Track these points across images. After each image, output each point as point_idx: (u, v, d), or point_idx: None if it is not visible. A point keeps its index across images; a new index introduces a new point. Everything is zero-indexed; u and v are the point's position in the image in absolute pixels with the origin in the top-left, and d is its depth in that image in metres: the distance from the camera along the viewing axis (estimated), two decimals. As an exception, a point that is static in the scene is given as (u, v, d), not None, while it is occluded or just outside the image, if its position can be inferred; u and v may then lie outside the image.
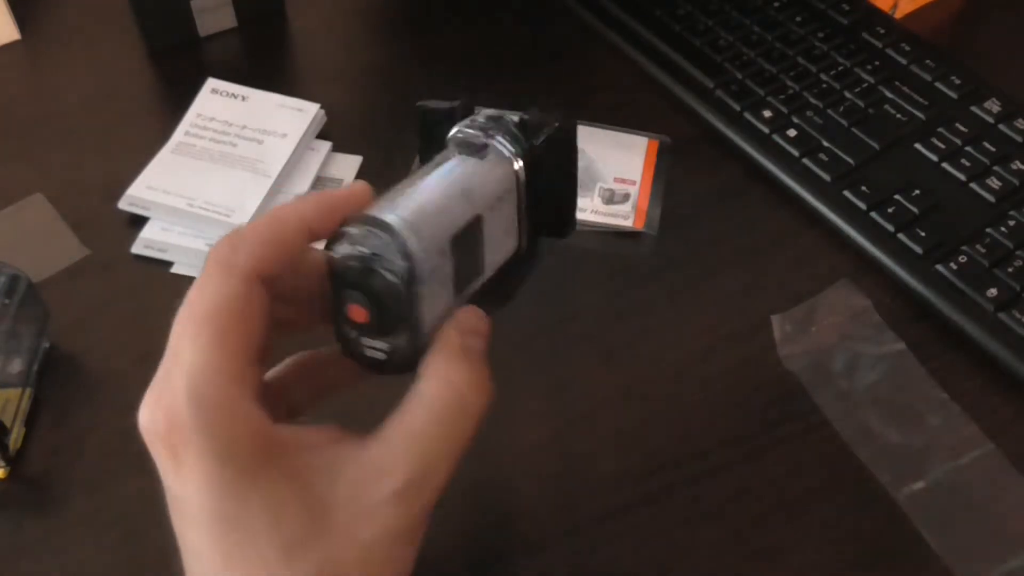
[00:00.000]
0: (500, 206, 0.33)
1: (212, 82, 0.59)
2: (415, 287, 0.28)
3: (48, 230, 0.53)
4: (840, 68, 0.59)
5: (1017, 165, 0.54)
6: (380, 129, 0.59)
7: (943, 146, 0.55)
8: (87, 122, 0.59)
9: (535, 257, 0.37)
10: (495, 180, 0.33)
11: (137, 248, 0.52)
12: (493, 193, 0.33)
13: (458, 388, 0.29)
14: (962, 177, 0.53)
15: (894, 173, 0.54)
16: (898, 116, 0.57)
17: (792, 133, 0.56)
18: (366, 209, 0.29)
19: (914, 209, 0.52)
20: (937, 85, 0.59)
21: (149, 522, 0.42)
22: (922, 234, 0.51)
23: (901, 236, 0.51)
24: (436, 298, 0.30)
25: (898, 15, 0.66)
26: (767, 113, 0.57)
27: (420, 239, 0.29)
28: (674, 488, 0.43)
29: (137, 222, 0.53)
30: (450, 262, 0.30)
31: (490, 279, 0.34)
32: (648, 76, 0.62)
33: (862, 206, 0.52)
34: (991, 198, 0.52)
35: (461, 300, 0.32)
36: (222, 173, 0.54)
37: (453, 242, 0.30)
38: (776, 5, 0.64)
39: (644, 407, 0.46)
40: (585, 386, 0.47)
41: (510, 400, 0.41)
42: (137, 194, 0.53)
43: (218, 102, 0.58)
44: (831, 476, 0.44)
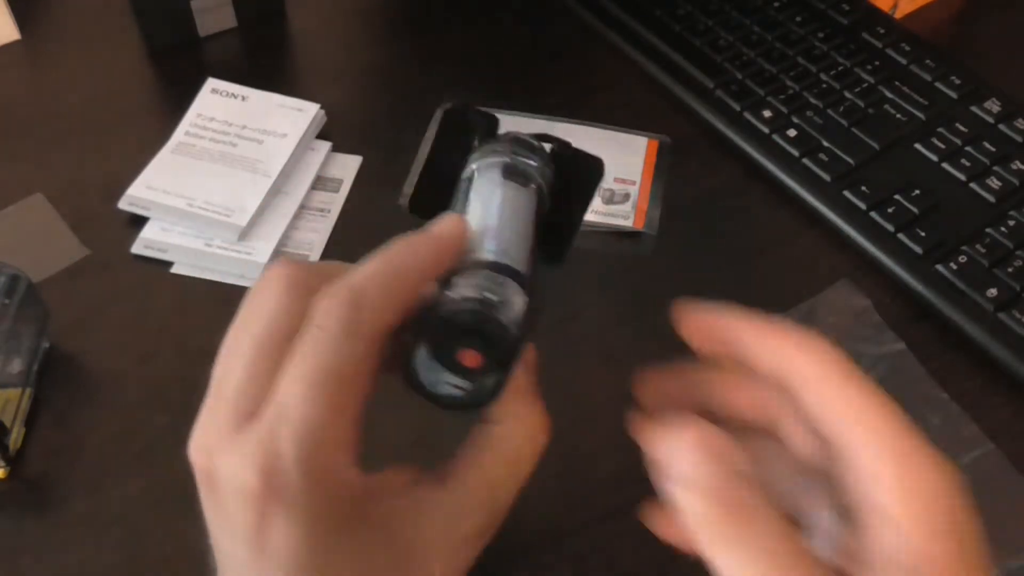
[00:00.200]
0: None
1: (212, 82, 0.59)
2: (527, 332, 0.28)
3: (48, 230, 0.53)
4: (840, 68, 0.60)
5: (1017, 165, 0.54)
6: (380, 129, 0.59)
7: (943, 146, 0.55)
8: (87, 122, 0.59)
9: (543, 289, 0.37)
10: (533, 211, 0.33)
11: (137, 248, 0.52)
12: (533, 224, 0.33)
13: (530, 430, 0.30)
14: (962, 177, 0.53)
15: (894, 173, 0.54)
16: (898, 116, 0.57)
17: (792, 133, 0.56)
18: (473, 252, 0.29)
19: (914, 209, 0.52)
20: (937, 85, 0.59)
21: (149, 522, 0.42)
22: (922, 234, 0.51)
23: (901, 236, 0.51)
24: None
25: (898, 15, 0.66)
26: (767, 113, 0.57)
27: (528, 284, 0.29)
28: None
29: (137, 222, 0.53)
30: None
31: None
32: (648, 76, 0.62)
33: (862, 206, 0.52)
34: (991, 198, 0.52)
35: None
36: (222, 173, 0.54)
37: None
38: (776, 5, 0.64)
39: (644, 407, 0.46)
40: (585, 386, 0.47)
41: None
42: (137, 194, 0.53)
43: (218, 102, 0.58)
44: (831, 476, 0.44)
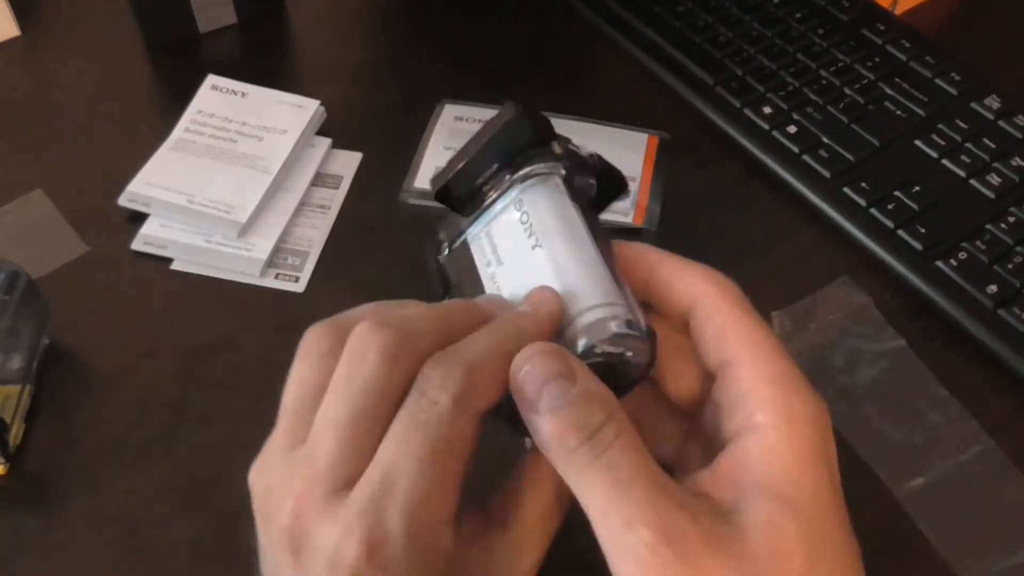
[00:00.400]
0: None
1: (212, 78, 0.59)
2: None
3: (48, 226, 0.53)
4: (840, 64, 0.59)
5: (1017, 162, 0.54)
6: (380, 126, 0.59)
7: (943, 143, 0.55)
8: (87, 118, 0.59)
9: None
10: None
11: (137, 244, 0.52)
12: None
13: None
14: (962, 174, 0.53)
15: (894, 170, 0.54)
16: (898, 113, 0.57)
17: (792, 129, 0.56)
18: (609, 312, 0.30)
19: (914, 206, 0.52)
20: (937, 81, 0.59)
21: (149, 518, 0.42)
22: (922, 231, 0.51)
23: (901, 233, 0.51)
24: None
25: (898, 11, 0.66)
26: (767, 109, 0.57)
27: None
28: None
29: (137, 218, 0.53)
30: None
31: None
32: (648, 73, 0.62)
33: (862, 203, 0.52)
34: (991, 195, 0.52)
35: None
36: (222, 170, 0.54)
37: None
38: (776, 2, 0.64)
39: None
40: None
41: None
42: (137, 190, 0.53)
43: (218, 98, 0.58)
44: (831, 472, 0.44)
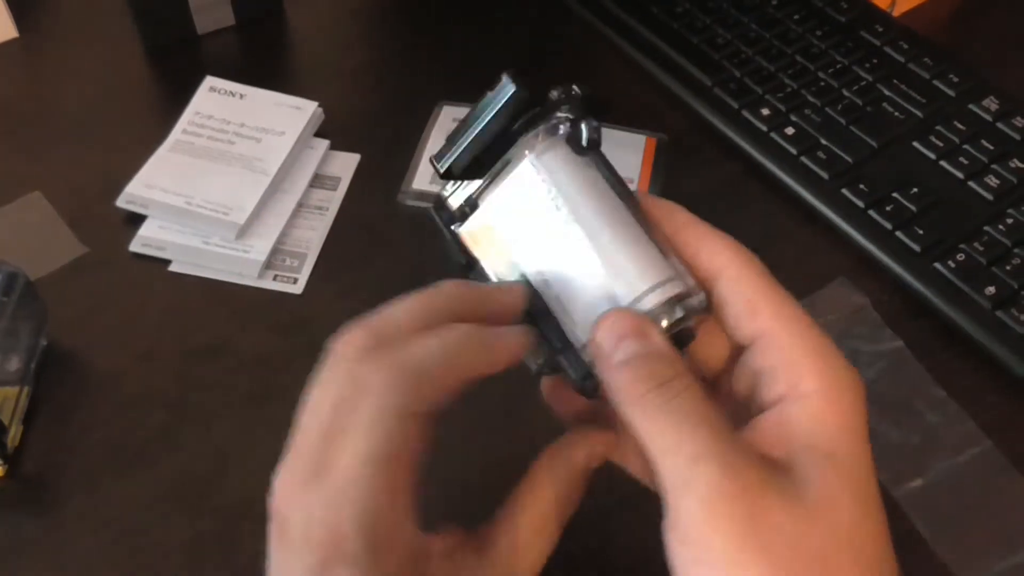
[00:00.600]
0: None
1: (210, 80, 0.59)
2: None
3: (46, 228, 0.53)
4: (838, 66, 0.59)
5: (1015, 163, 0.54)
6: (378, 127, 0.59)
7: (941, 144, 0.55)
8: (85, 120, 0.59)
9: None
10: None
11: (135, 246, 0.52)
12: None
13: (560, 493, 0.33)
14: (960, 175, 0.53)
15: (892, 171, 0.54)
16: (896, 114, 0.57)
17: (790, 131, 0.56)
18: (665, 294, 0.31)
19: (912, 207, 0.52)
20: (935, 83, 0.59)
21: (147, 519, 0.42)
22: (920, 232, 0.51)
23: (899, 234, 0.51)
24: None
25: (896, 13, 0.66)
26: (765, 111, 0.57)
27: None
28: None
29: (135, 220, 0.53)
30: None
31: None
32: (646, 74, 0.62)
33: (860, 204, 0.52)
34: (989, 196, 0.52)
35: None
36: (220, 171, 0.54)
37: None
38: (774, 3, 0.64)
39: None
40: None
41: (510, 399, 0.41)
42: (135, 192, 0.53)
43: (216, 100, 0.58)
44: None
